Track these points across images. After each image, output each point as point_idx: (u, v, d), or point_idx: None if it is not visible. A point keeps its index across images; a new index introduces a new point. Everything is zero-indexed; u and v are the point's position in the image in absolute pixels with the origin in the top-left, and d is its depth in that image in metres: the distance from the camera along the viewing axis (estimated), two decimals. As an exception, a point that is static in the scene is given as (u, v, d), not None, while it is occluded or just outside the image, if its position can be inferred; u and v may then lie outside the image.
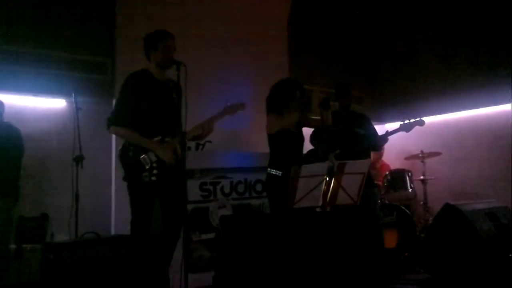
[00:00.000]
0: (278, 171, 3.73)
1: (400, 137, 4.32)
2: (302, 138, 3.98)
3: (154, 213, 3.33)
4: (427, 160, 5.86)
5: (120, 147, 3.34)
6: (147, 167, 3.21)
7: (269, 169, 3.83)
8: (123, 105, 3.33)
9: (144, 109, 3.27)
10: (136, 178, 3.22)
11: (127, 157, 3.24)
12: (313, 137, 4.45)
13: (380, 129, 5.02)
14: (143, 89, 3.29)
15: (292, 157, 3.76)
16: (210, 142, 4.57)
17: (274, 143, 3.87)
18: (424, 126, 4.17)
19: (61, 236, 4.45)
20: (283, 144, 3.81)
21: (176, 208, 3.33)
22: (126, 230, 3.37)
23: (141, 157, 3.22)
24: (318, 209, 3.45)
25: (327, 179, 3.29)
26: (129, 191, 3.29)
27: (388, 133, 4.25)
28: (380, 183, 5.83)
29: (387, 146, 6.03)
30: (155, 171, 3.22)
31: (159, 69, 3.38)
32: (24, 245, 4.22)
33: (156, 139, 3.26)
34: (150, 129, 3.27)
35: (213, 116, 3.45)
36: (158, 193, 3.34)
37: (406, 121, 4.18)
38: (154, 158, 3.24)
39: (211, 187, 4.48)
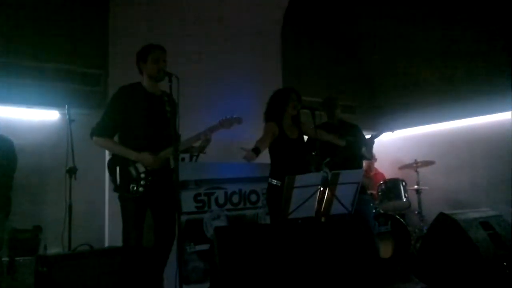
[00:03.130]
0: (278, 181, 3.72)
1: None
2: (303, 147, 3.97)
3: (146, 224, 3.31)
4: (421, 170, 5.88)
5: (109, 158, 3.34)
6: (134, 177, 3.21)
7: (269, 178, 3.82)
8: (106, 117, 3.33)
9: (133, 122, 3.27)
10: (125, 189, 3.21)
11: (115, 168, 3.24)
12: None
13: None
14: (132, 102, 3.28)
15: (293, 166, 3.75)
16: (204, 153, 4.57)
17: (274, 152, 3.87)
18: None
19: (54, 249, 4.41)
20: (283, 152, 3.81)
21: (168, 219, 3.31)
22: (119, 242, 3.35)
23: (128, 167, 3.22)
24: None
25: (321, 189, 3.29)
26: (120, 202, 3.28)
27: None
28: (374, 192, 5.83)
29: (381, 155, 6.08)
30: (142, 182, 3.21)
31: (152, 82, 3.37)
32: (17, 258, 4.17)
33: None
34: (140, 141, 3.26)
35: (209, 128, 3.44)
36: (149, 204, 3.32)
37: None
38: (142, 169, 3.23)
39: (205, 198, 4.46)
